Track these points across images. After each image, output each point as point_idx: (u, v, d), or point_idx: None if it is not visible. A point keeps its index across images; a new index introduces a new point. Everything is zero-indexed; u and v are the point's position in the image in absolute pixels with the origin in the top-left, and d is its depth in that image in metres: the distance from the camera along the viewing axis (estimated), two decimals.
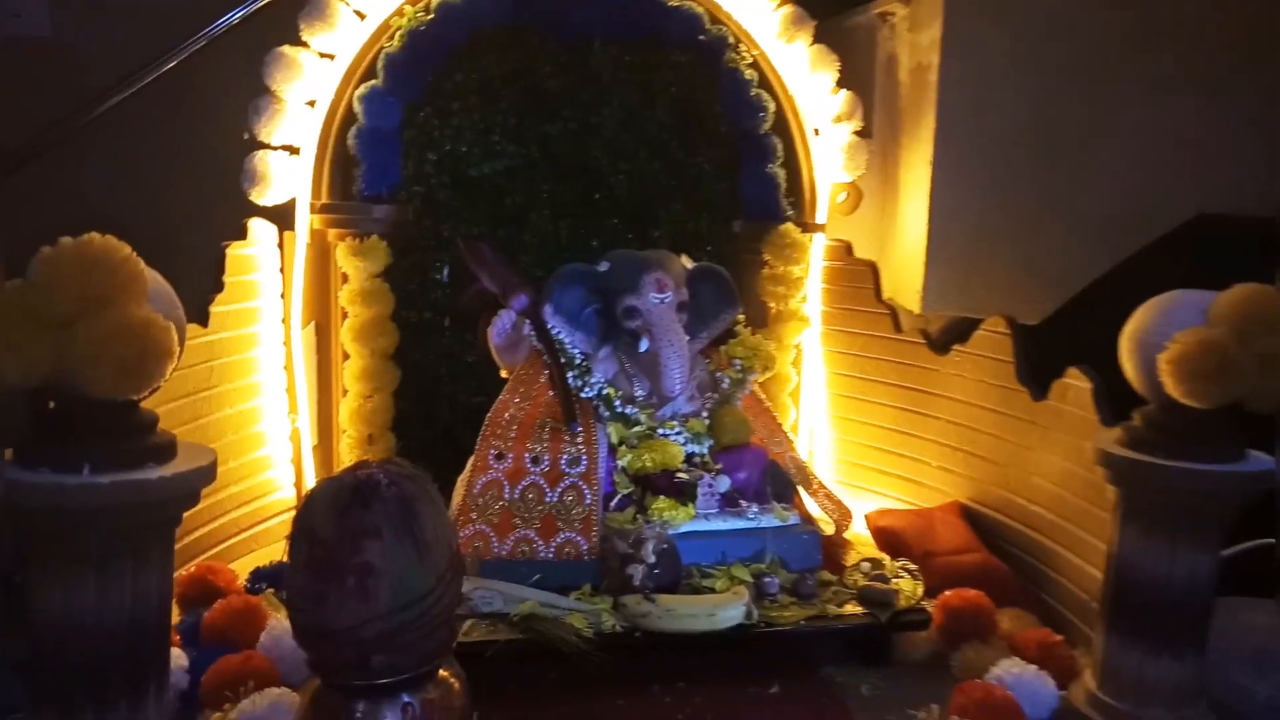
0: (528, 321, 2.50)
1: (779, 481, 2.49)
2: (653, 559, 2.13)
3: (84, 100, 2.72)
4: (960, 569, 2.49)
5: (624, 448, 2.38)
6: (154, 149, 2.94)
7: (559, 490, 2.27)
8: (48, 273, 1.39)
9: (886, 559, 2.52)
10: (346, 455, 2.83)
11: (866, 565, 2.42)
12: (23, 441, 1.48)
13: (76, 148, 2.77)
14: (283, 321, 2.87)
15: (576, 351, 2.51)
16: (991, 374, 2.73)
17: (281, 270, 2.86)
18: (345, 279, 2.79)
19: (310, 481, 2.93)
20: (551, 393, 2.44)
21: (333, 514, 1.59)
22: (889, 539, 2.73)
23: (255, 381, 2.79)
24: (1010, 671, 2.04)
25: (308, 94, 2.79)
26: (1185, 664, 1.89)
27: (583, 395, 2.46)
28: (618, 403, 2.46)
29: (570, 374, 2.46)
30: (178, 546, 2.42)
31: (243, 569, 2.51)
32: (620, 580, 2.14)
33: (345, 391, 2.84)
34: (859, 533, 2.77)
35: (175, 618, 2.24)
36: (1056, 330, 3.08)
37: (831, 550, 2.50)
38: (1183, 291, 1.92)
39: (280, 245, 2.85)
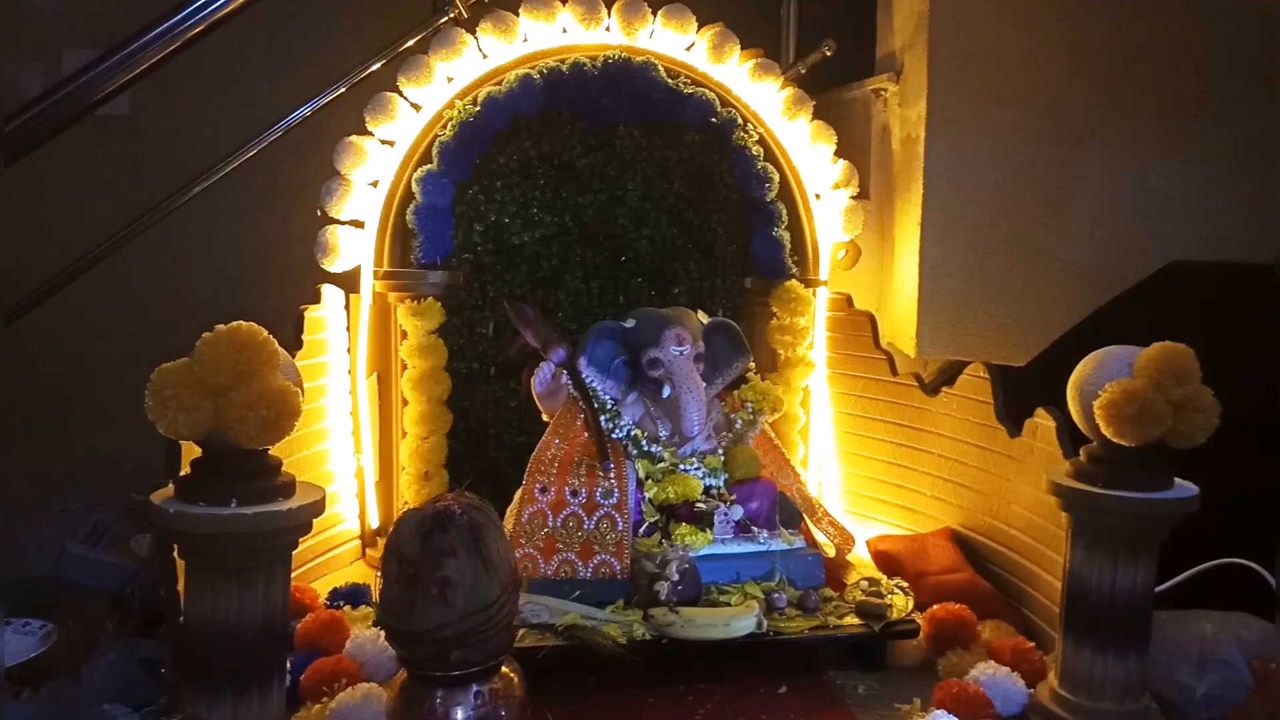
0: (565, 372, 2.92)
1: (786, 510, 2.89)
2: (676, 577, 2.54)
3: (170, 179, 3.23)
4: (948, 586, 2.86)
5: (650, 481, 2.80)
6: (239, 229, 3.45)
7: (595, 519, 2.69)
8: (208, 352, 1.84)
9: (883, 578, 2.90)
10: (406, 490, 3.27)
11: (865, 583, 2.81)
12: (183, 480, 1.93)
13: (174, 225, 3.27)
14: (349, 373, 3.32)
15: (608, 398, 2.94)
16: (975, 413, 3.12)
17: (348, 329, 3.32)
18: (404, 335, 3.24)
19: (373, 514, 3.38)
20: (587, 434, 2.86)
21: (417, 538, 2.02)
22: (887, 561, 3.11)
23: (325, 427, 3.23)
24: (985, 672, 2.42)
25: (371, 176, 3.27)
26: (1129, 663, 2.25)
27: (614, 436, 2.88)
28: (644, 442, 2.88)
29: (603, 417, 2.88)
30: None
31: (321, 589, 2.94)
32: (649, 595, 2.55)
33: (405, 433, 3.27)
34: (861, 556, 3.17)
35: None
36: (1038, 373, 3.48)
37: (834, 571, 2.89)
38: (1115, 347, 2.32)
39: (347, 307, 3.31)
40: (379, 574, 2.08)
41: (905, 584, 2.83)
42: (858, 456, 3.57)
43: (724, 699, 2.47)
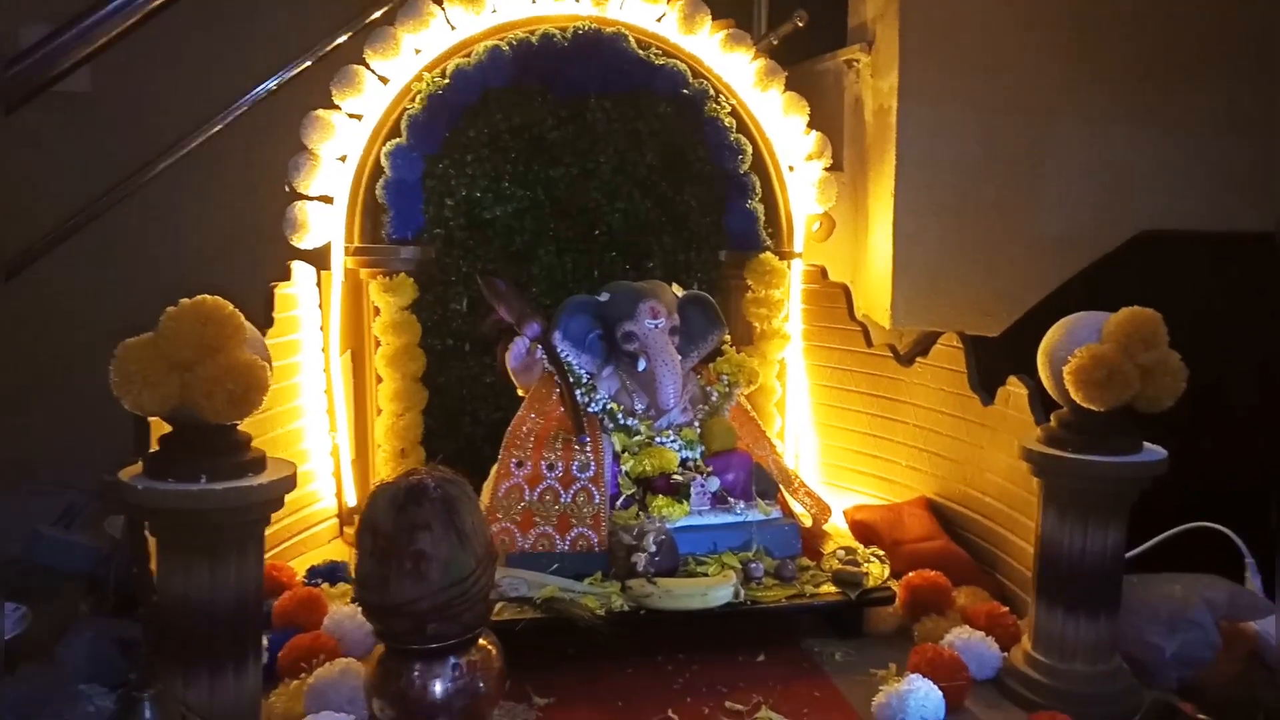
0: (540, 347, 2.91)
1: (763, 481, 2.90)
2: (654, 548, 2.55)
3: (134, 157, 3.17)
4: (924, 554, 2.89)
5: (626, 454, 2.80)
6: (206, 204, 3.40)
7: (572, 492, 2.68)
8: (172, 327, 1.81)
9: (860, 547, 2.92)
10: (382, 468, 3.25)
11: (841, 552, 2.83)
12: (152, 457, 1.90)
13: (140, 203, 3.22)
14: (323, 350, 3.29)
15: (583, 372, 2.93)
16: (949, 383, 3.14)
17: (320, 306, 3.29)
18: (377, 312, 3.21)
19: (349, 492, 3.36)
20: (562, 409, 2.85)
21: (391, 511, 2.01)
22: (864, 531, 3.14)
23: (299, 405, 3.20)
24: (960, 637, 2.45)
25: (340, 150, 3.23)
26: (1100, 625, 2.29)
27: (589, 410, 2.87)
28: (620, 415, 2.88)
29: (578, 392, 2.88)
30: None
31: (298, 567, 2.92)
32: (626, 567, 2.55)
33: (380, 411, 3.26)
34: (838, 526, 3.19)
35: None
36: (1011, 342, 3.51)
37: (811, 541, 2.91)
38: (1084, 313, 2.33)
39: (318, 284, 3.28)
40: (355, 549, 2.07)
41: (881, 552, 2.85)
42: (834, 428, 3.58)
43: (702, 668, 2.48)
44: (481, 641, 2.12)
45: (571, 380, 2.88)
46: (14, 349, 3.44)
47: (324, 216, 3.22)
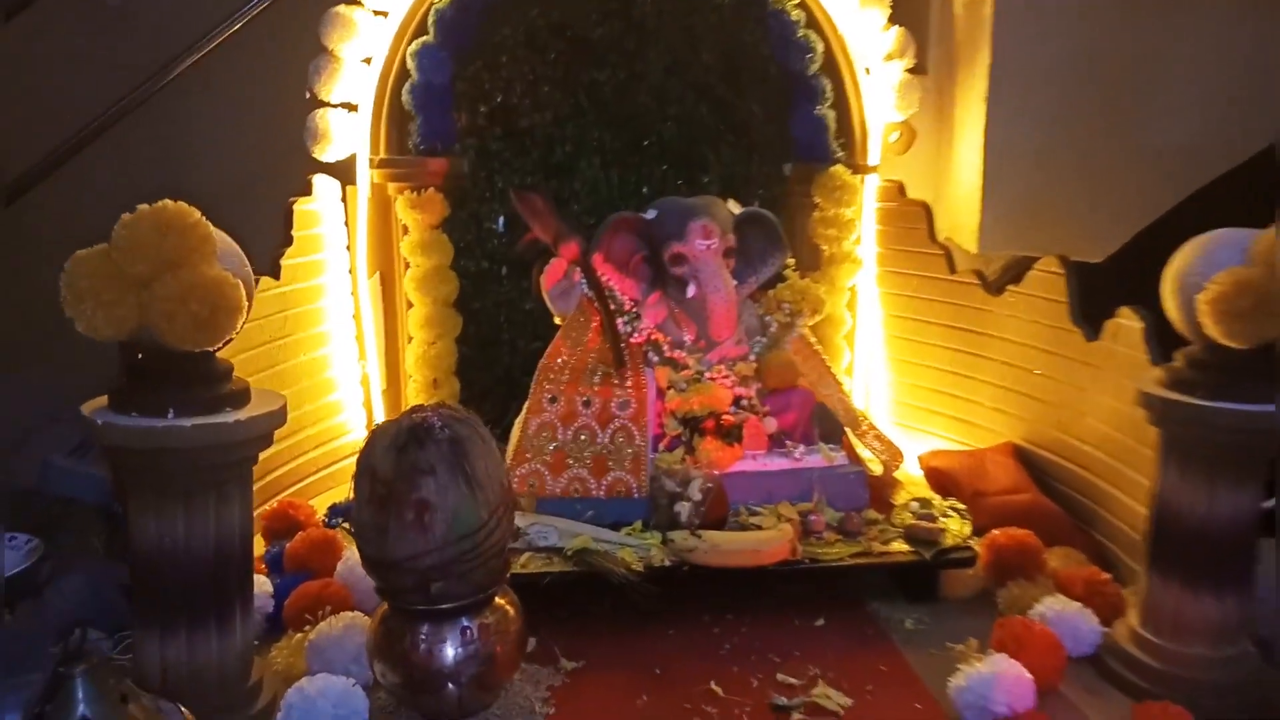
0: (578, 269, 2.59)
1: (826, 423, 2.56)
2: (699, 497, 2.24)
3: (154, 66, 2.89)
4: (1010, 508, 2.52)
5: (672, 391, 2.47)
6: (221, 111, 3.10)
7: (609, 431, 2.38)
8: (127, 236, 1.53)
9: (936, 498, 2.57)
10: (414, 399, 2.99)
11: (915, 505, 2.48)
12: (117, 388, 1.64)
13: (150, 113, 2.95)
14: (349, 272, 3.02)
15: (626, 298, 2.60)
16: (1045, 314, 2.72)
17: (346, 224, 3.00)
18: (406, 231, 2.92)
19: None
20: (602, 338, 2.53)
21: (391, 454, 1.73)
22: (940, 479, 2.77)
23: (325, 330, 2.95)
24: (1052, 608, 2.10)
25: (363, 52, 2.90)
26: (1225, 603, 1.91)
27: (632, 340, 2.55)
28: (666, 347, 2.55)
29: (620, 320, 2.55)
30: (261, 484, 2.65)
31: (320, 505, 2.70)
32: (669, 517, 2.25)
33: (410, 338, 2.99)
34: (911, 473, 2.83)
35: (261, 549, 2.46)
36: (1117, 270, 3.05)
37: (880, 490, 2.57)
38: (1225, 230, 1.90)
39: (344, 200, 2.99)
40: (350, 492, 1.81)
41: (961, 506, 2.50)
42: (909, 364, 3.20)
43: (752, 632, 2.19)
44: (498, 600, 1.85)
45: (612, 307, 2.55)
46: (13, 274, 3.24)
47: (348, 126, 2.91)
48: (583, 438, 2.37)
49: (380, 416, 3.10)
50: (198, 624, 1.67)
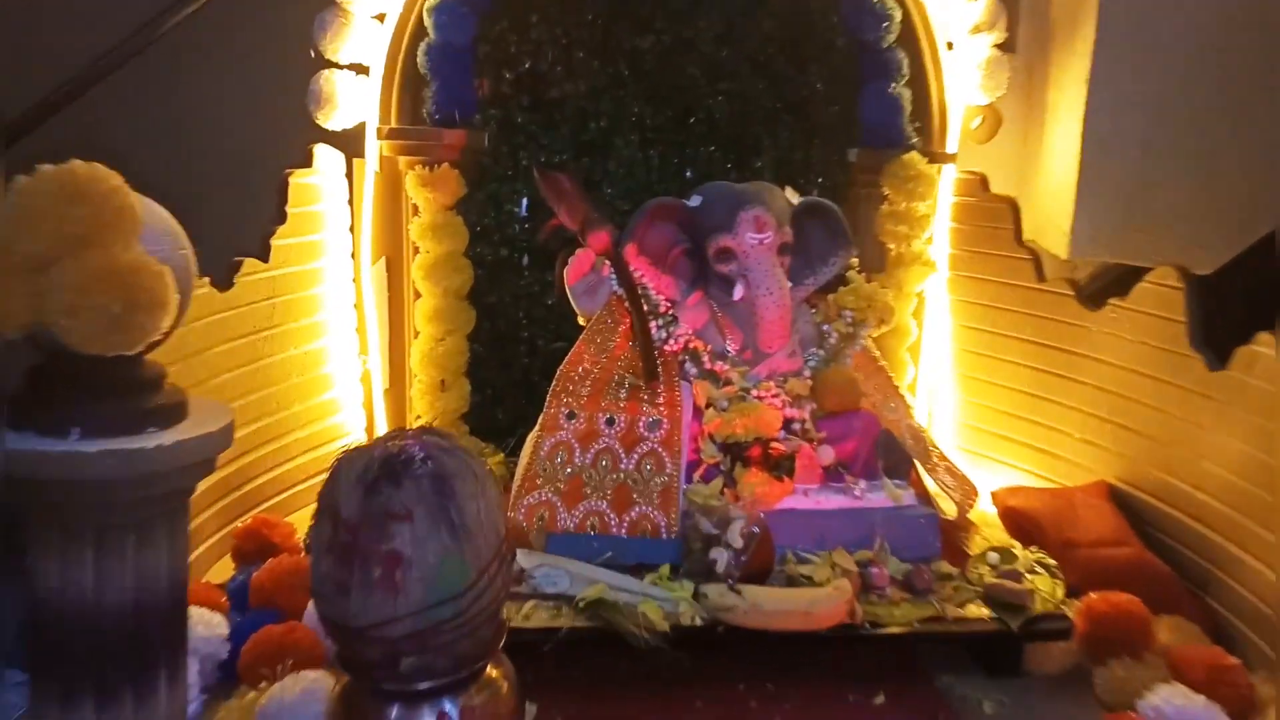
0: (608, 262, 2.21)
1: (892, 454, 2.15)
2: (740, 543, 1.85)
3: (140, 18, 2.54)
4: (1108, 565, 2.11)
5: (711, 410, 2.08)
6: (212, 69, 2.73)
7: (635, 457, 2.00)
8: (23, 206, 1.17)
9: (1018, 548, 2.17)
10: (418, 401, 2.64)
11: (994, 557, 2.08)
12: (15, 398, 1.29)
13: (132, 71, 2.59)
14: (352, 256, 2.67)
15: (661, 298, 2.21)
16: (1156, 334, 2.30)
17: (351, 201, 2.65)
18: (416, 211, 2.57)
19: (382, 428, 2.76)
20: (632, 344, 2.16)
21: (358, 491, 1.37)
22: (1020, 522, 2.36)
23: (321, 320, 2.60)
24: (1171, 702, 1.70)
25: (377, 6, 2.53)
26: None
27: (666, 348, 2.17)
28: (706, 358, 2.16)
29: (654, 323, 2.17)
30: (238, 496, 2.32)
31: (301, 523, 2.35)
32: (702, 565, 1.87)
33: (417, 333, 2.63)
34: (984, 510, 2.42)
35: (229, 573, 2.12)
36: (1237, 282, 2.59)
37: (952, 535, 2.17)
38: None
39: (349, 175, 2.63)
40: (308, 534, 1.45)
41: (1051, 562, 2.09)
42: (982, 382, 2.78)
43: (798, 709, 1.80)
44: (489, 672, 1.49)
45: (645, 308, 2.17)
46: None
47: (357, 90, 2.54)
48: (604, 463, 1.99)
49: (382, 418, 2.75)
50: (109, 696, 1.32)
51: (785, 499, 2.02)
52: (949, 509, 2.22)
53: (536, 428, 2.05)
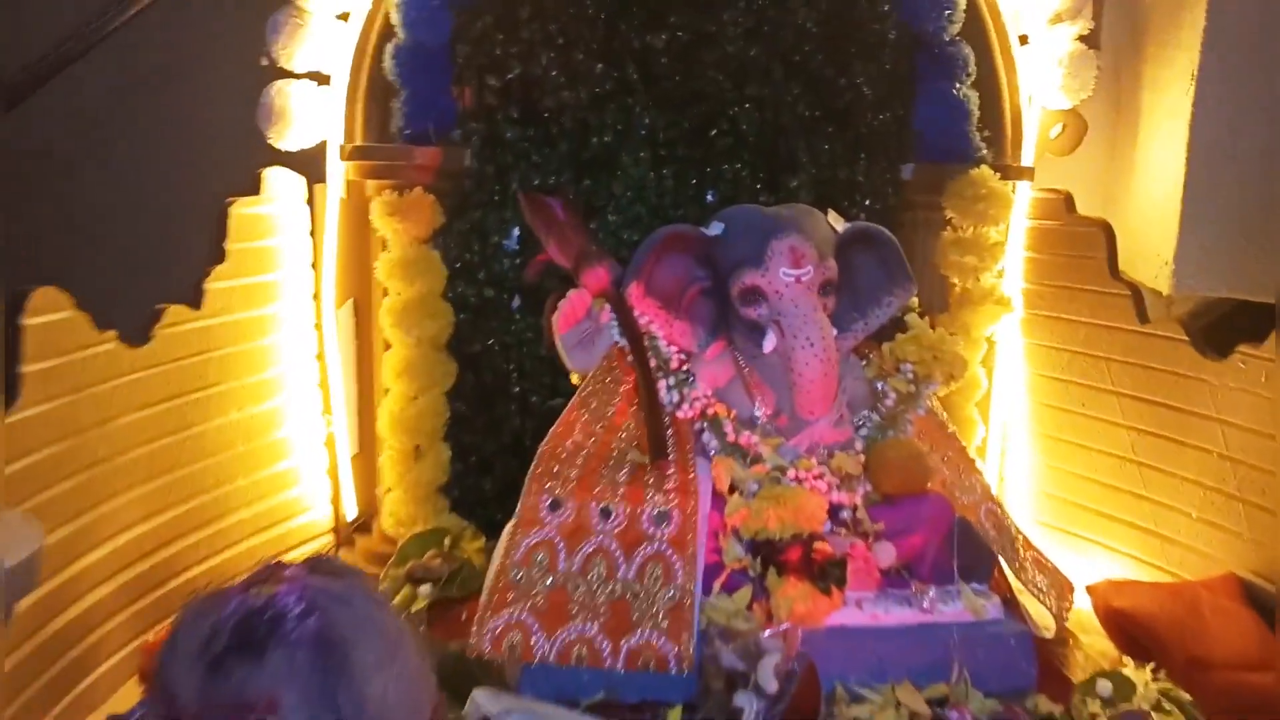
0: (607, 306, 1.76)
1: (972, 550, 1.66)
2: (774, 686, 1.36)
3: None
4: (1256, 697, 1.60)
5: (737, 497, 1.61)
6: (139, 79, 2.30)
7: (638, 561, 1.52)
8: None
9: (1131, 668, 1.67)
10: (388, 471, 2.20)
11: (1106, 687, 1.58)
12: None
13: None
14: (314, 298, 2.25)
15: (673, 350, 1.75)
16: None
17: (312, 234, 2.23)
18: (385, 245, 2.14)
19: (349, 500, 2.33)
20: (635, 410, 1.69)
21: (199, 666, 0.91)
22: (1130, 630, 1.86)
23: (275, 375, 2.17)
24: None
25: (340, 4, 2.13)
26: None
27: (679, 415, 1.70)
28: (730, 427, 1.69)
29: (663, 382, 1.71)
30: (154, 598, 1.88)
31: None
32: (724, 712, 1.39)
33: (387, 391, 2.19)
34: (1077, 607, 1.91)
35: (131, 702, 1.68)
36: None
37: (1048, 655, 1.66)
38: None
39: (310, 202, 2.22)
40: None
41: (1180, 692, 1.58)
42: (1068, 444, 2.30)
43: None
44: None
45: (654, 363, 1.71)
46: None
47: (316, 103, 2.14)
48: (597, 570, 1.52)
49: (350, 490, 2.31)
50: None
51: (833, 615, 1.53)
52: (1045, 621, 1.71)
53: (511, 522, 1.59)
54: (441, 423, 2.19)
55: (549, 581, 1.51)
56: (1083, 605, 1.94)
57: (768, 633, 1.42)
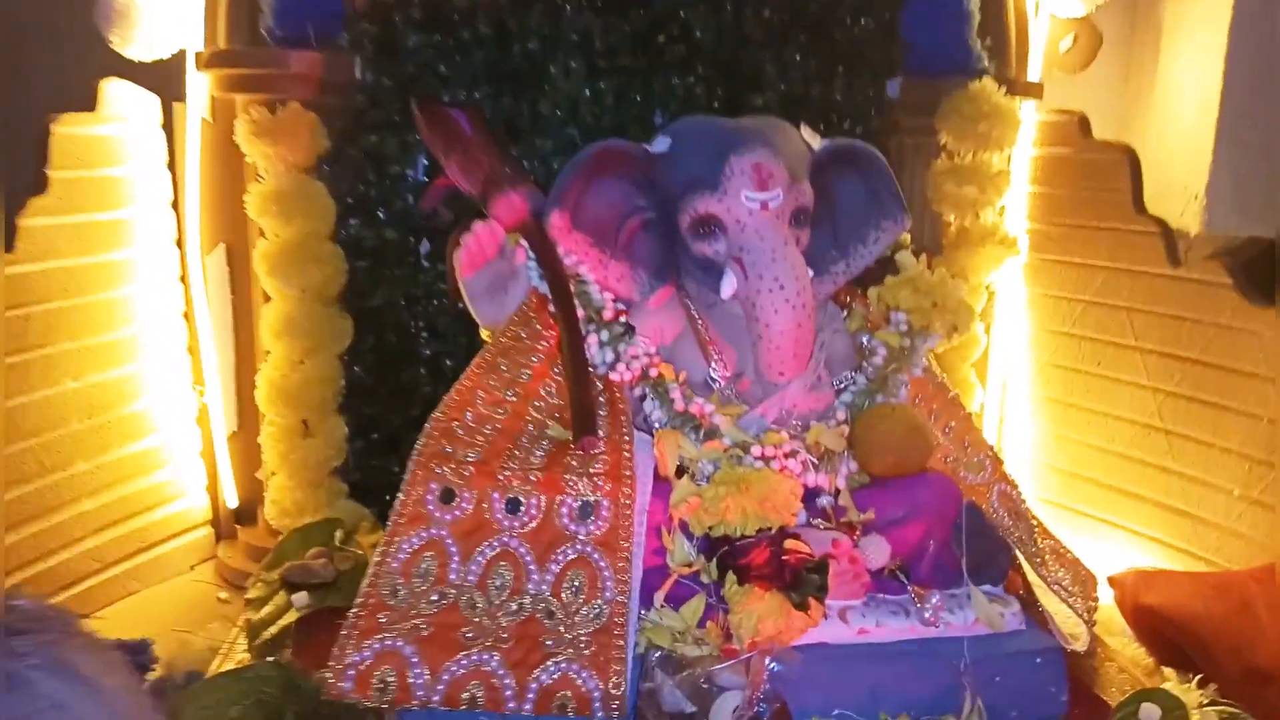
0: (524, 242, 1.38)
1: (984, 543, 1.31)
2: None
3: None
4: None
5: (686, 482, 1.24)
6: None
7: (554, 569, 1.15)
8: None
9: (1175, 681, 1.34)
10: (270, 451, 1.81)
11: (1154, 712, 1.25)
12: None
13: None
14: (176, 245, 1.85)
15: (608, 298, 1.37)
16: None
17: (171, 166, 1.83)
18: (259, 176, 1.74)
19: (229, 486, 1.94)
20: (556, 373, 1.32)
21: None
22: (1164, 630, 1.53)
23: (125, 337, 1.78)
24: None
25: None
26: None
27: (614, 377, 1.33)
28: (678, 393, 1.32)
29: (594, 337, 1.33)
30: None
31: (112, 622, 1.50)
32: None
33: (267, 353, 1.80)
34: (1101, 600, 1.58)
35: None
36: None
37: (1076, 671, 1.33)
38: None
39: (167, 126, 1.81)
40: None
41: (1239, 710, 1.25)
42: (1080, 410, 1.96)
43: None
44: None
45: (582, 314, 1.34)
46: None
47: (172, 2, 1.72)
48: (499, 580, 1.15)
49: (228, 473, 1.92)
50: None
51: (809, 632, 1.17)
52: (1072, 628, 1.36)
53: (390, 520, 1.20)
54: (334, 392, 1.80)
55: (435, 597, 1.13)
56: (1103, 600, 1.62)
57: (725, 662, 1.07)
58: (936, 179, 1.85)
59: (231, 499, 1.94)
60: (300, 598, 1.48)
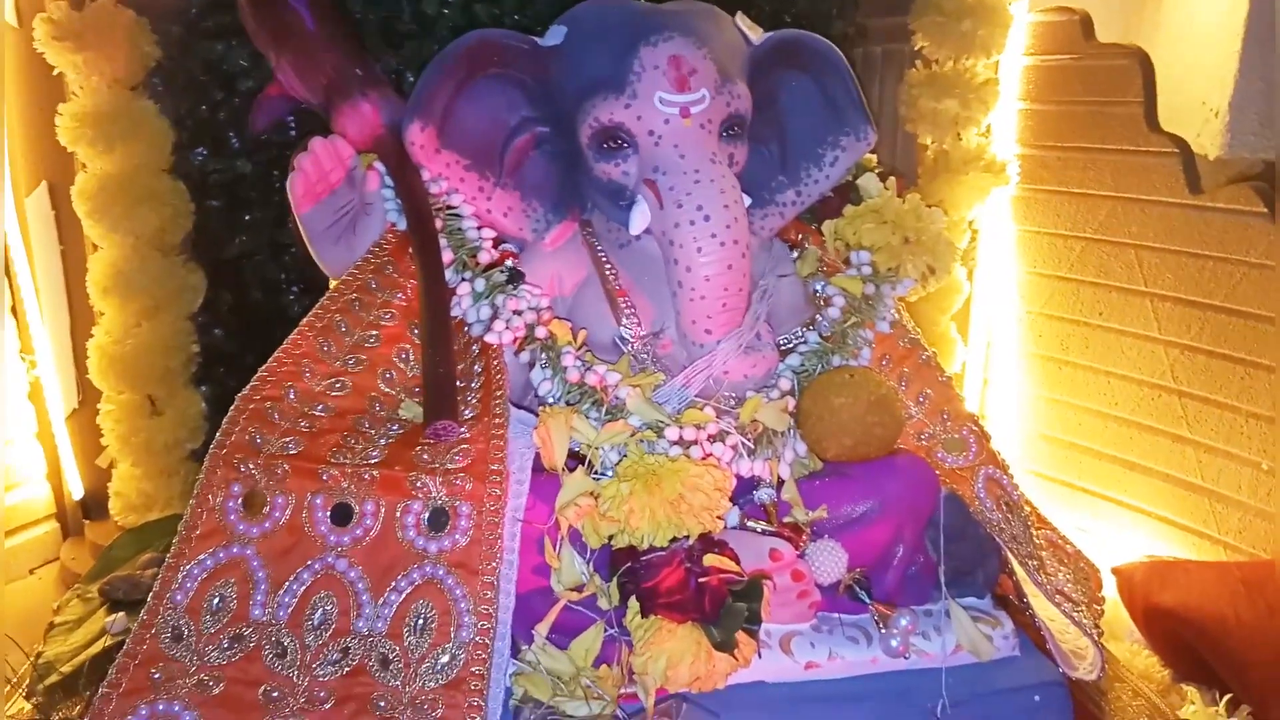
0: (378, 165, 1.07)
1: (967, 547, 1.03)
2: None
3: None
4: None
5: (579, 476, 0.94)
6: None
7: (395, 599, 0.86)
8: None
9: (1207, 711, 1.08)
10: (110, 434, 1.50)
11: None
12: None
13: None
14: None
15: (485, 237, 1.06)
16: None
17: None
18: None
19: (73, 472, 1.63)
20: (412, 333, 1.01)
21: None
22: (1184, 635, 1.27)
23: None
24: None
25: None
26: None
27: (489, 339, 1.02)
28: (572, 359, 1.01)
29: (465, 285, 1.02)
30: None
31: None
32: None
33: (101, 314, 1.48)
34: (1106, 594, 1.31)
35: None
36: None
37: (1080, 697, 1.05)
38: None
39: None
40: None
41: None
42: (1078, 370, 1.68)
43: None
44: None
45: (451, 258, 1.03)
46: None
47: None
48: (320, 616, 0.85)
49: (69, 456, 1.61)
50: None
51: (744, 670, 0.89)
52: (1084, 664, 1.08)
53: (176, 538, 0.90)
54: (183, 360, 1.48)
55: (228, 643, 0.83)
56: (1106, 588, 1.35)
57: (626, 710, 0.78)
58: (911, 92, 1.53)
59: (77, 489, 1.63)
60: (117, 621, 1.17)
